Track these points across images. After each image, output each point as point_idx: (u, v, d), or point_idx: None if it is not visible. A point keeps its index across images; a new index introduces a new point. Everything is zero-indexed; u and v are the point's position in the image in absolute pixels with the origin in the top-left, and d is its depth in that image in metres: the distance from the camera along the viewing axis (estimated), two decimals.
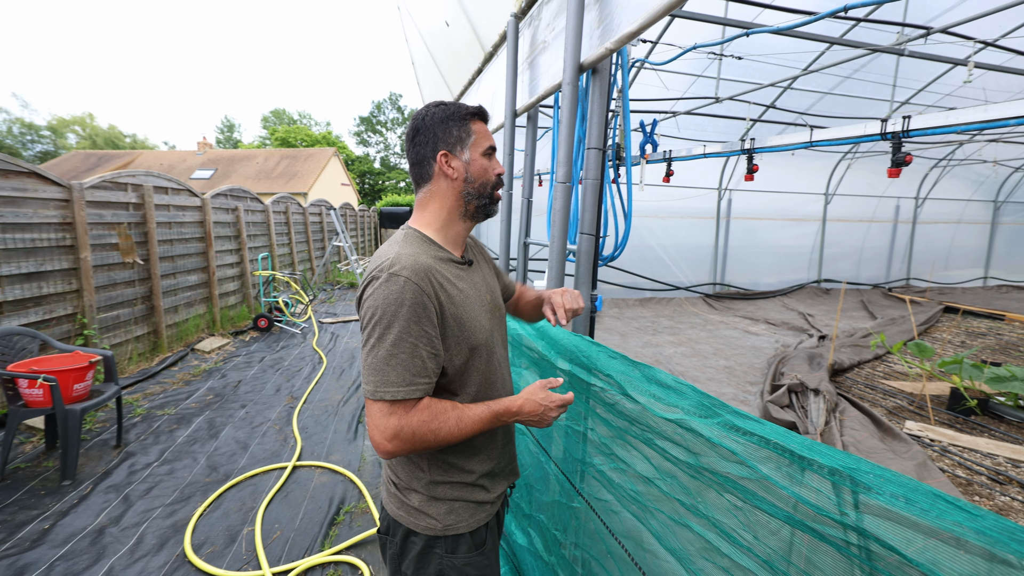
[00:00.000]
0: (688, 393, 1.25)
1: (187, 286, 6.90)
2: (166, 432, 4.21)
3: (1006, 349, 7.22)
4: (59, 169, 25.79)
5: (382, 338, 1.11)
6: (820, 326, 8.35)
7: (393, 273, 1.13)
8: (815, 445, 0.97)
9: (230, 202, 8.22)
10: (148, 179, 6.13)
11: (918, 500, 0.78)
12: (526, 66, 3.00)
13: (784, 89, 7.60)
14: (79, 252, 4.97)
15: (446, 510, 1.29)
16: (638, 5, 1.78)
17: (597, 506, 1.69)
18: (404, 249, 1.21)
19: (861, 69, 7.23)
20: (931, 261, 13.75)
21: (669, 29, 5.70)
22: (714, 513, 1.18)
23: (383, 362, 1.11)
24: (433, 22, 4.43)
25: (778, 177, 11.09)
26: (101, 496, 3.24)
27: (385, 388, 1.10)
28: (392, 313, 1.11)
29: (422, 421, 1.12)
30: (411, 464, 1.30)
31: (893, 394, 5.23)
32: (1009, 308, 10.48)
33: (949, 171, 12.73)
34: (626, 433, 1.48)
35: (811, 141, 3.41)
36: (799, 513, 0.97)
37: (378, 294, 1.13)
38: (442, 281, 1.21)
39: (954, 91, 8.12)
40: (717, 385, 5.46)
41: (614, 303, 10.10)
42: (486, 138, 1.33)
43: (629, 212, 3.06)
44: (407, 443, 1.12)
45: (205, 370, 5.85)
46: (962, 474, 3.68)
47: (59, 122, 45.10)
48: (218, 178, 24.79)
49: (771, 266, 11.99)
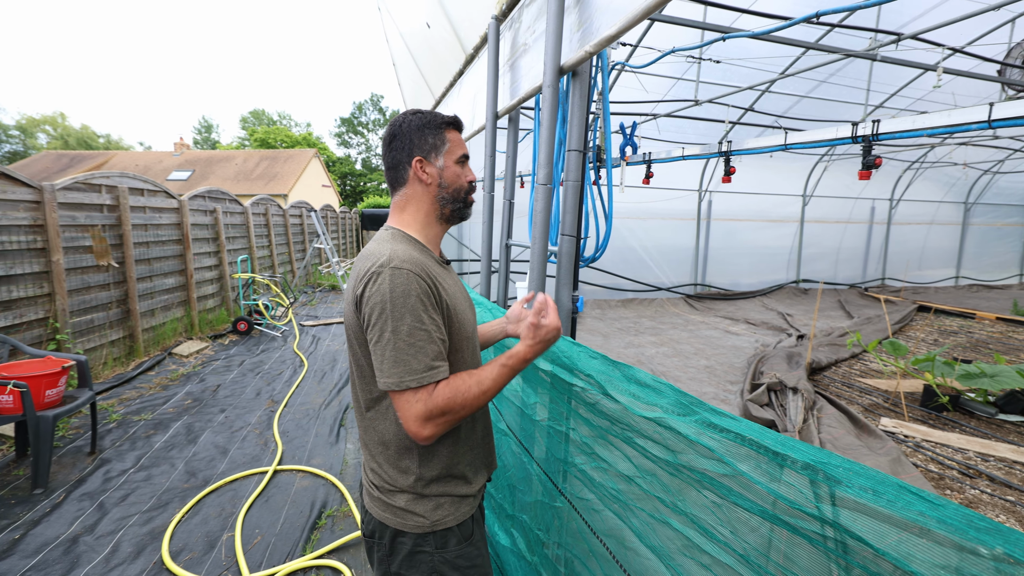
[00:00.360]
0: (667, 392, 1.27)
1: (164, 289, 6.78)
2: (143, 438, 4.13)
3: (976, 347, 7.41)
4: (29, 170, 25.12)
5: (396, 329, 1.14)
6: (799, 325, 8.49)
7: (396, 267, 1.17)
8: (788, 441, 0.98)
9: (208, 204, 8.10)
10: (123, 180, 6.02)
11: (885, 492, 0.80)
12: (507, 68, 3.01)
13: (762, 92, 7.73)
14: (51, 255, 4.86)
15: (432, 506, 1.31)
16: (617, 9, 1.80)
17: (579, 505, 1.70)
18: (397, 246, 1.24)
19: (836, 73, 7.39)
20: (905, 261, 14.09)
21: (649, 33, 5.78)
22: (693, 510, 1.20)
23: (403, 352, 1.14)
24: (414, 23, 4.42)
25: (757, 179, 11.27)
26: (75, 504, 3.17)
27: (410, 376, 1.14)
28: (402, 304, 1.15)
29: (448, 397, 1.16)
30: (398, 461, 1.31)
31: (869, 392, 5.34)
32: (979, 307, 10.79)
33: (922, 173, 13.07)
34: (607, 432, 1.49)
35: (786, 144, 3.48)
36: (774, 508, 0.99)
37: (384, 288, 1.16)
38: (436, 275, 1.27)
39: (925, 95, 8.34)
40: (698, 385, 5.51)
41: (596, 304, 10.17)
42: (460, 146, 1.39)
43: (610, 213, 3.09)
44: (441, 422, 1.16)
45: (183, 374, 5.76)
46: (934, 469, 3.78)
47: (29, 121, 43.91)
48: (196, 179, 24.38)
49: (751, 267, 12.17)
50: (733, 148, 3.94)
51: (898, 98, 8.38)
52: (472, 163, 4.56)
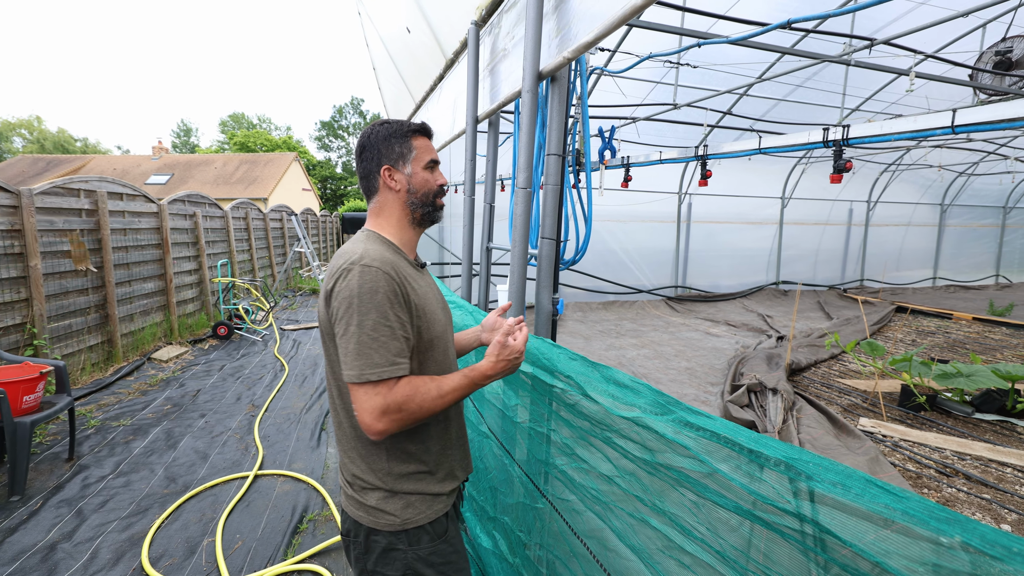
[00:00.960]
0: (644, 392, 1.29)
1: (143, 294, 6.70)
2: (122, 443, 4.09)
3: (953, 347, 7.51)
4: (5, 174, 24.66)
5: (362, 324, 1.18)
6: (779, 327, 8.56)
7: (365, 264, 1.21)
8: (761, 438, 1.01)
9: (187, 208, 8.02)
10: (102, 185, 5.95)
11: (852, 486, 0.83)
12: (487, 73, 3.04)
13: (740, 96, 7.84)
14: (28, 260, 4.80)
15: (403, 505, 1.34)
16: (595, 15, 1.83)
17: (560, 506, 1.70)
18: (370, 246, 1.29)
19: (813, 77, 7.52)
20: (883, 262, 14.26)
21: (627, 39, 5.84)
22: (672, 509, 1.21)
23: (366, 346, 1.17)
24: (394, 28, 4.43)
25: (737, 181, 11.38)
26: (52, 511, 3.14)
27: (371, 370, 1.17)
28: (369, 299, 1.19)
29: (406, 395, 1.19)
30: (369, 458, 1.34)
31: (848, 392, 5.40)
32: (956, 307, 10.95)
33: (898, 176, 13.28)
34: (587, 433, 1.50)
35: (760, 148, 3.55)
36: (754, 507, 1.00)
37: (352, 284, 1.20)
38: (407, 275, 1.31)
39: (900, 99, 8.52)
40: (679, 386, 5.55)
41: (578, 307, 10.20)
42: (427, 152, 1.45)
43: (589, 216, 3.13)
44: (395, 419, 1.18)
45: (162, 379, 5.69)
46: (912, 468, 3.82)
47: (4, 125, 43.10)
48: (175, 183, 24.10)
49: (731, 268, 12.26)
50: (709, 152, 4.01)
51: (873, 102, 8.54)
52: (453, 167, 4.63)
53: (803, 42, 6.34)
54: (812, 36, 6.09)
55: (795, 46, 6.27)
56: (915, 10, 5.88)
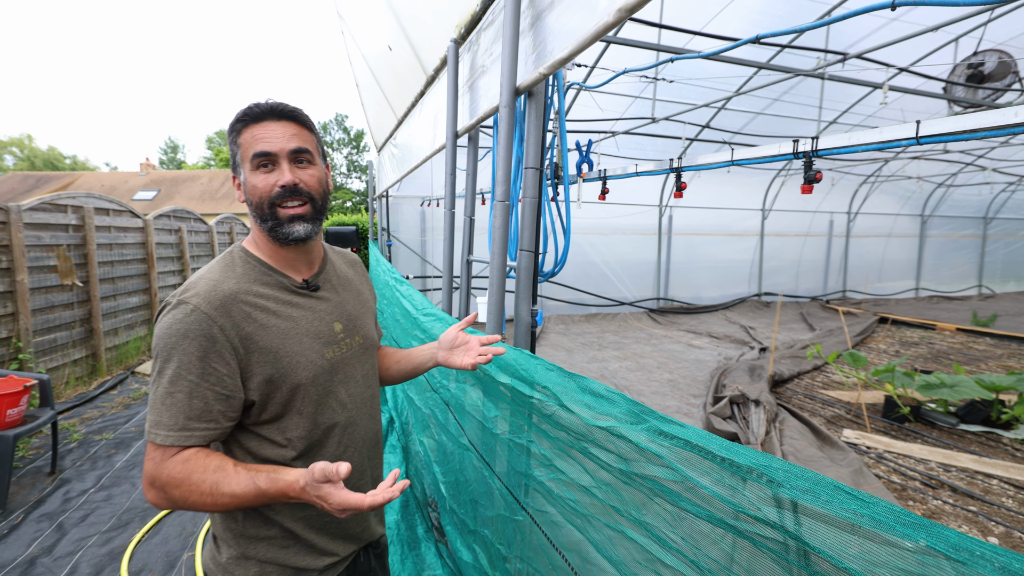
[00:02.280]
0: (619, 401, 1.29)
1: (128, 308, 6.69)
2: (104, 457, 4.08)
3: (937, 357, 7.49)
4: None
5: (161, 373, 0.98)
6: (761, 338, 8.54)
7: (182, 300, 0.99)
8: (733, 446, 1.01)
9: (173, 223, 8.03)
10: (89, 200, 5.96)
11: (821, 492, 0.84)
12: (466, 89, 3.11)
13: (718, 110, 7.99)
14: (15, 275, 4.81)
15: (255, 573, 1.09)
16: (569, 32, 1.88)
17: (540, 519, 1.68)
18: (209, 273, 1.06)
19: (790, 91, 7.69)
20: (865, 273, 14.26)
21: (605, 54, 5.97)
22: (648, 519, 1.21)
23: (160, 400, 0.97)
24: (376, 46, 4.52)
25: (717, 193, 11.44)
26: (33, 525, 3.13)
27: (156, 429, 0.96)
28: (173, 346, 0.97)
29: (174, 477, 0.95)
30: (223, 516, 1.12)
31: (831, 403, 5.37)
32: (939, 318, 10.91)
33: (878, 187, 13.38)
34: (565, 444, 1.49)
35: (732, 160, 3.66)
36: (720, 512, 1.01)
37: (163, 323, 0.99)
38: (251, 310, 1.05)
39: (876, 112, 8.68)
40: (661, 398, 5.54)
41: (560, 319, 10.16)
42: (252, 145, 1.07)
43: (568, 229, 3.20)
44: (162, 497, 0.96)
45: (145, 393, 5.67)
46: (897, 480, 3.79)
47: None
48: (161, 199, 24.02)
49: (713, 280, 12.26)
50: (684, 164, 4.13)
51: (850, 115, 8.70)
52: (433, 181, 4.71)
53: (779, 57, 6.50)
54: (788, 51, 6.26)
55: (771, 61, 6.44)
56: (887, 26, 6.04)
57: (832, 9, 5.68)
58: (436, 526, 2.93)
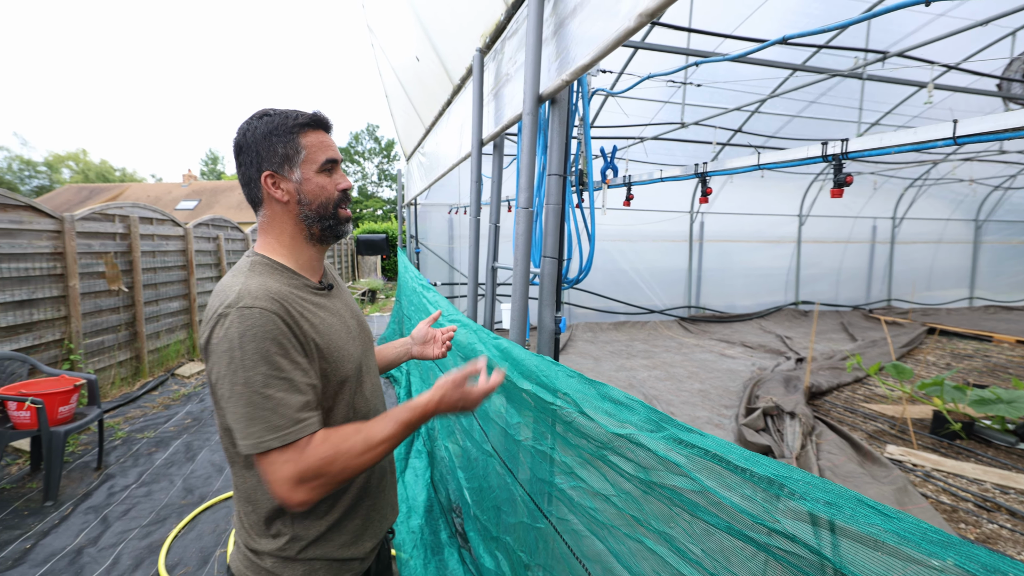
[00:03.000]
0: (638, 409, 1.27)
1: (169, 312, 6.97)
2: (145, 455, 4.25)
3: (994, 371, 7.04)
4: (53, 202, 25.94)
5: (249, 381, 0.95)
6: (798, 348, 8.23)
7: (245, 307, 0.99)
8: (752, 456, 0.99)
9: (211, 231, 8.33)
10: (135, 210, 6.25)
11: (843, 505, 0.81)
12: (491, 97, 3.14)
13: (751, 114, 7.82)
14: (68, 280, 5.09)
15: (303, 571, 1.12)
16: (591, 39, 1.88)
17: (561, 527, 1.67)
18: (252, 280, 1.06)
19: (827, 93, 7.46)
20: (912, 281, 13.57)
21: (633, 60, 5.94)
22: (667, 529, 1.18)
23: (259, 407, 0.95)
24: (404, 58, 4.61)
25: (750, 199, 11.15)
26: (81, 517, 3.29)
27: (271, 436, 0.95)
28: (255, 350, 0.96)
29: (324, 457, 0.97)
30: (269, 525, 1.12)
31: (874, 417, 5.10)
32: (997, 329, 10.14)
33: (925, 190, 12.79)
34: (585, 451, 1.48)
35: (759, 164, 3.58)
36: (739, 523, 0.98)
37: (232, 333, 0.97)
38: (302, 310, 1.08)
39: (922, 112, 8.32)
40: (691, 409, 5.38)
41: (588, 327, 9.97)
42: (322, 150, 1.16)
43: (593, 235, 3.18)
44: (316, 485, 0.97)
45: (184, 394, 5.89)
46: (947, 500, 3.55)
47: (55, 158, 45.67)
48: (201, 208, 25.05)
49: (747, 288, 11.87)
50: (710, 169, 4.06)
51: (894, 115, 8.36)
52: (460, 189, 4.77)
53: (815, 58, 6.33)
54: (824, 51, 6.09)
55: (806, 62, 6.28)
56: (932, 22, 5.77)
57: (873, 6, 5.48)
58: (460, 532, 2.94)
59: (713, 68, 5.99)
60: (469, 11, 3.11)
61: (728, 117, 7.81)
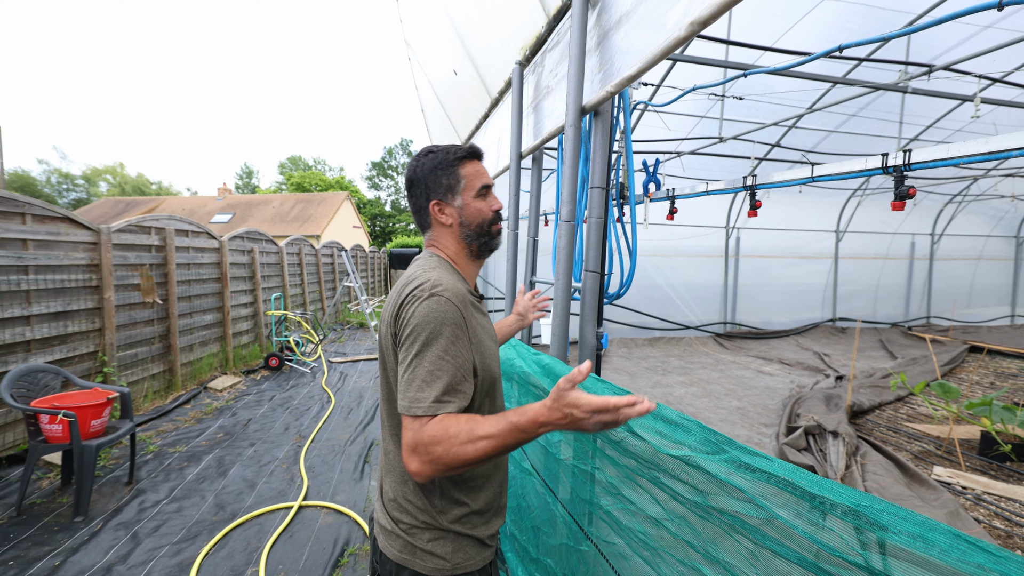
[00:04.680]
0: (694, 429, 1.21)
1: (202, 325, 7.02)
2: (176, 470, 4.22)
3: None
4: (90, 215, 26.78)
5: (421, 354, 1.11)
6: (837, 366, 8.15)
7: (435, 293, 1.15)
8: (826, 482, 0.93)
9: (246, 244, 8.42)
10: (170, 223, 6.33)
11: (936, 540, 0.74)
12: (530, 110, 3.10)
13: (789, 128, 7.71)
14: (103, 292, 5.14)
15: (454, 548, 1.25)
16: (636, 51, 1.85)
17: (606, 550, 1.63)
18: (443, 275, 1.23)
19: (867, 107, 7.33)
20: (952, 299, 13.42)
21: (672, 73, 5.88)
22: (727, 558, 1.12)
23: (420, 378, 1.10)
24: (442, 71, 4.62)
25: (786, 215, 11.10)
26: (111, 533, 3.25)
27: (417, 404, 1.09)
28: (436, 331, 1.12)
29: (433, 436, 1.05)
30: (420, 499, 1.25)
31: (918, 438, 4.98)
32: None
33: (965, 207, 12.63)
34: (634, 473, 1.44)
35: (812, 176, 3.45)
36: (810, 554, 0.92)
37: (422, 310, 1.13)
38: (472, 309, 1.25)
39: (964, 127, 8.18)
40: (730, 427, 5.35)
41: (623, 343, 10.01)
42: (478, 178, 1.35)
43: (634, 250, 3.10)
44: (425, 461, 1.06)
45: (216, 408, 5.89)
46: (1000, 525, 3.43)
47: (92, 171, 47.23)
48: (236, 222, 25.47)
49: (783, 304, 11.80)
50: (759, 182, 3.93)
51: (934, 130, 8.24)
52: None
53: (855, 71, 6.21)
54: (865, 65, 5.97)
55: (847, 75, 6.15)
56: (978, 34, 5.69)
57: (916, 19, 5.36)
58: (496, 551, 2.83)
59: (751, 82, 5.92)
60: (509, 24, 3.07)
61: (765, 132, 7.72)
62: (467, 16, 3.61)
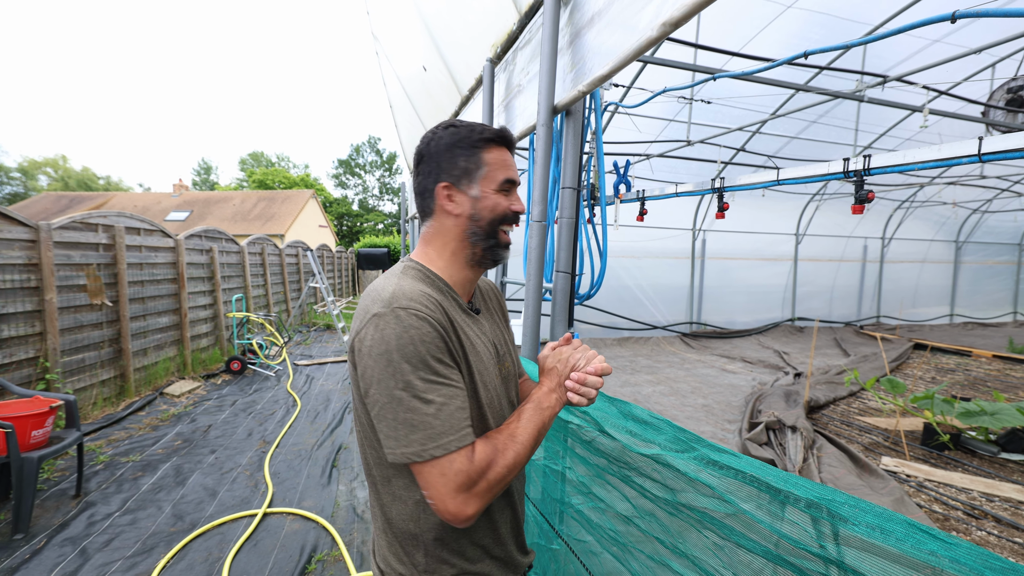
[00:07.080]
0: (664, 428, 1.24)
1: (158, 328, 6.73)
2: (130, 480, 4.02)
3: (975, 384, 7.41)
4: (29, 211, 25.33)
5: (410, 385, 0.91)
6: (795, 364, 8.47)
7: (399, 307, 0.94)
8: (791, 477, 0.96)
9: (204, 243, 8.13)
10: (120, 220, 6.05)
11: (893, 530, 0.77)
12: (502, 109, 3.07)
13: (753, 133, 7.92)
14: (44, 294, 4.84)
15: None
16: (608, 50, 1.85)
17: (577, 547, 1.65)
18: (405, 282, 1.02)
19: (826, 115, 7.60)
20: (900, 299, 14.18)
21: (642, 75, 5.96)
22: (694, 552, 1.16)
23: (420, 412, 0.91)
24: (411, 67, 4.55)
25: (750, 218, 11.45)
26: (56, 550, 3.06)
27: (433, 444, 0.90)
28: (413, 352, 0.92)
29: (489, 458, 0.94)
30: (412, 553, 1.08)
31: (869, 430, 5.27)
32: (975, 344, 10.83)
33: (912, 212, 13.30)
34: (604, 471, 1.46)
35: (778, 179, 3.54)
36: (777, 548, 0.95)
37: (387, 335, 0.92)
38: (454, 320, 1.04)
39: (913, 136, 8.58)
40: (696, 423, 5.46)
41: (592, 343, 10.13)
42: (503, 169, 1.11)
43: (604, 250, 3.11)
44: (483, 490, 0.93)
45: (174, 415, 5.65)
46: (939, 509, 3.70)
47: (31, 164, 44.50)
48: (194, 220, 24.59)
49: (746, 305, 12.19)
50: (726, 184, 4.01)
51: (887, 138, 8.61)
52: None
53: (816, 79, 6.41)
54: (825, 73, 6.18)
55: (808, 83, 6.35)
56: (927, 48, 5.96)
57: (873, 30, 5.58)
58: None
59: (718, 86, 6.05)
60: (480, 20, 3.03)
61: (731, 136, 7.93)
62: (436, 9, 3.56)
